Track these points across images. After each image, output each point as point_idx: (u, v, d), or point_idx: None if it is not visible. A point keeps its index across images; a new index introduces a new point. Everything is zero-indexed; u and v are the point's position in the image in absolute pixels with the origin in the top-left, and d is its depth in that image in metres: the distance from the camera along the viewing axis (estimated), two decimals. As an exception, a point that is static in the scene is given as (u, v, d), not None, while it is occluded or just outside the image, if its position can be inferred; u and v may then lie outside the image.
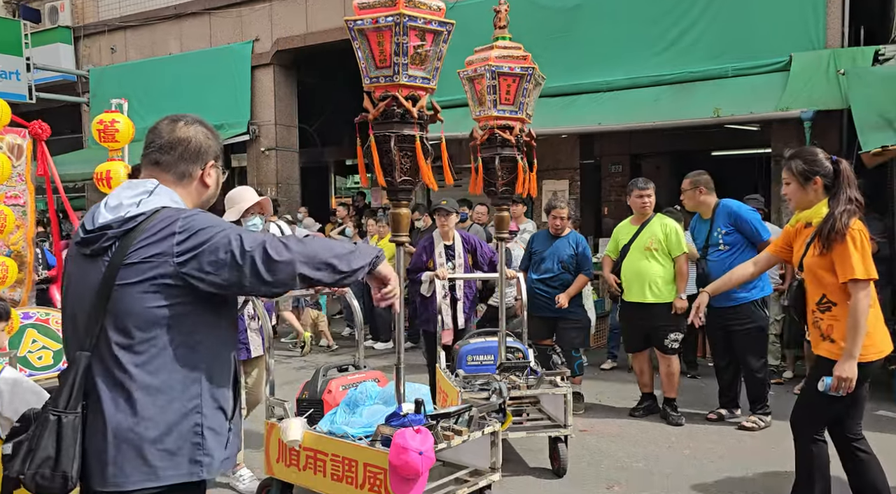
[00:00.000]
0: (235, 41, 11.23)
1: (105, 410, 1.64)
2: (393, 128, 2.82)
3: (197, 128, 1.85)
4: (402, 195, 2.93)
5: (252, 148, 11.32)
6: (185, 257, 1.64)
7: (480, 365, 4.22)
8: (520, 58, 3.75)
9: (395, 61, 2.76)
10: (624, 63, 8.26)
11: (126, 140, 5.57)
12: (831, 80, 6.69)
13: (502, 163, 3.83)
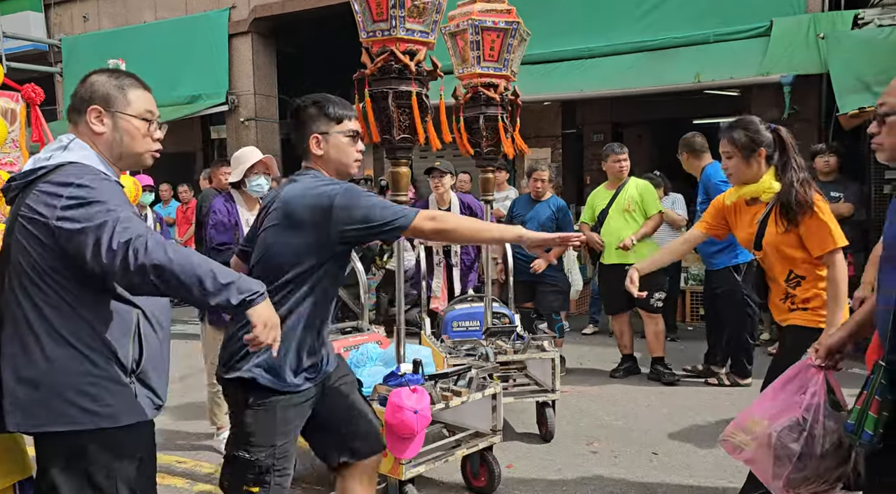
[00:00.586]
0: (212, 9, 10.99)
1: (5, 354, 1.72)
2: (391, 84, 2.75)
3: (95, 76, 1.87)
4: (400, 153, 2.87)
5: (231, 118, 11.15)
6: (62, 223, 1.65)
7: (466, 331, 4.16)
8: (504, 12, 3.60)
9: (391, 14, 2.70)
10: (605, 30, 8.22)
11: None
12: (811, 45, 6.70)
13: (487, 122, 3.69)
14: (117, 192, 1.73)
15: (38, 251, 1.69)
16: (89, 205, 1.65)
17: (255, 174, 3.79)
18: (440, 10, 2.83)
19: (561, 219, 5.29)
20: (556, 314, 5.39)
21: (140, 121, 1.86)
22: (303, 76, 13.13)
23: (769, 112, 7.42)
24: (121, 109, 1.84)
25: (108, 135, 1.84)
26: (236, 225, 3.76)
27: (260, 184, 3.80)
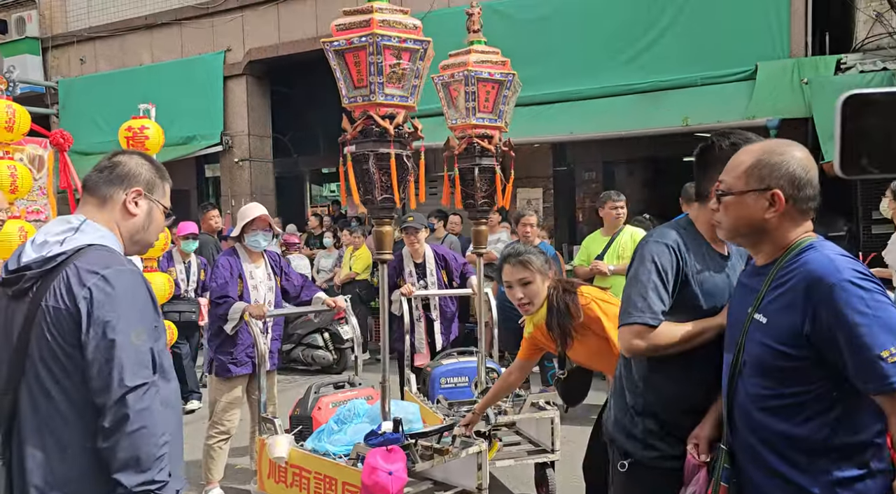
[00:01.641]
0: (207, 51, 11.15)
1: (27, 456, 1.62)
2: (370, 146, 2.81)
3: (136, 158, 1.84)
4: (383, 213, 2.92)
5: (225, 158, 11.24)
6: (88, 321, 1.59)
7: (455, 388, 4.06)
8: (498, 63, 3.60)
9: (370, 81, 2.75)
10: (593, 72, 8.35)
11: (157, 147, 5.06)
12: (795, 89, 6.83)
13: (482, 174, 3.64)
14: (142, 290, 1.69)
15: (64, 347, 1.60)
16: (110, 309, 1.60)
17: (253, 230, 3.93)
18: (419, 75, 2.87)
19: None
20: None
21: (164, 213, 1.88)
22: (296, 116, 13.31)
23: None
24: (158, 198, 1.84)
25: (139, 219, 1.80)
26: (240, 277, 3.93)
27: (257, 240, 3.95)
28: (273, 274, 4.11)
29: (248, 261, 3.99)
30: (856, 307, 1.48)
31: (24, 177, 4.31)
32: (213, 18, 11.03)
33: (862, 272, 1.52)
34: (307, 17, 10.27)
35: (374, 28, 2.67)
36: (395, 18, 2.75)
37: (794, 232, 1.65)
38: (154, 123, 5.17)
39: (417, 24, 2.78)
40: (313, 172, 15.46)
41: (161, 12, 11.49)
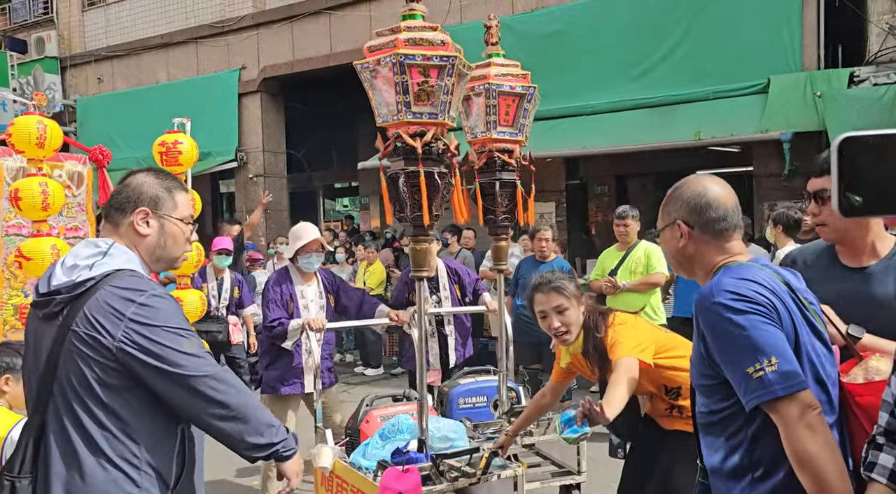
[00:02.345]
0: (222, 69, 11.31)
1: (52, 476, 1.64)
2: (401, 164, 2.80)
3: (140, 177, 1.84)
4: (417, 231, 2.88)
5: (240, 174, 11.36)
6: (128, 346, 1.63)
7: (473, 408, 3.91)
8: (519, 76, 3.54)
9: (398, 99, 2.76)
10: (606, 86, 8.39)
11: (190, 162, 5.11)
12: (808, 103, 6.82)
13: (503, 188, 3.56)
14: (177, 309, 1.74)
15: (96, 372, 1.63)
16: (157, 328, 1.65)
17: (307, 252, 4.02)
18: (450, 91, 2.82)
19: (566, 280, 5.31)
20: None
21: (184, 224, 1.85)
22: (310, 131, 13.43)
23: (771, 166, 7.52)
24: (168, 212, 1.81)
25: (153, 238, 1.80)
26: (291, 298, 4.02)
27: (311, 263, 4.05)
28: (325, 293, 4.16)
29: (300, 282, 4.09)
30: (723, 328, 1.55)
31: (55, 193, 4.26)
32: (228, 37, 11.19)
33: (738, 294, 1.55)
34: (321, 34, 10.40)
35: (399, 48, 2.67)
36: (422, 36, 2.72)
37: (717, 255, 1.71)
38: (188, 138, 5.14)
39: (445, 39, 2.73)
40: (327, 187, 15.60)
41: (177, 31, 11.68)
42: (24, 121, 4.35)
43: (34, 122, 4.34)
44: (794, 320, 1.59)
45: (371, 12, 9.96)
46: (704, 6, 7.85)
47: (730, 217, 1.72)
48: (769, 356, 1.50)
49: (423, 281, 2.96)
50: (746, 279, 1.60)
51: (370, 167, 9.58)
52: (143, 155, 11.71)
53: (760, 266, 1.67)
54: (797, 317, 1.60)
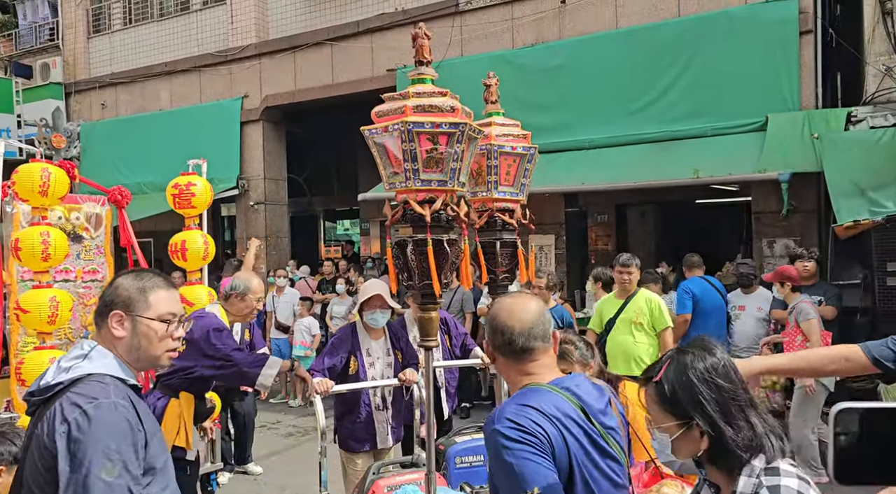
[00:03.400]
0: (225, 97, 11.39)
1: None
2: (409, 232, 2.73)
3: (121, 279, 1.89)
4: (426, 299, 2.81)
5: (241, 202, 11.41)
6: (50, 444, 1.63)
7: (471, 467, 3.85)
8: (520, 137, 3.57)
9: (406, 167, 2.72)
10: (605, 121, 8.43)
11: (204, 205, 5.11)
12: (806, 143, 6.84)
13: (503, 248, 3.54)
14: (123, 425, 1.68)
15: (44, 475, 1.64)
16: (78, 449, 1.62)
17: (370, 308, 3.97)
18: (460, 157, 2.78)
19: (563, 325, 5.31)
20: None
21: (159, 323, 1.85)
22: (311, 156, 13.51)
23: (770, 204, 7.54)
24: (140, 312, 1.83)
25: (127, 340, 1.83)
26: (355, 355, 3.99)
27: (375, 318, 4.00)
28: (393, 349, 4.12)
29: (367, 338, 4.06)
30: (497, 454, 1.70)
31: (57, 243, 4.25)
32: (231, 65, 11.28)
33: (515, 423, 1.69)
34: (322, 65, 10.49)
35: (408, 115, 2.64)
36: (431, 102, 2.69)
37: (518, 376, 1.87)
38: (202, 180, 5.11)
39: (455, 105, 2.69)
40: (327, 211, 15.65)
41: (180, 59, 11.79)
42: (28, 169, 4.36)
43: (38, 170, 4.35)
44: (569, 448, 1.70)
45: (373, 44, 10.05)
46: (703, 43, 7.90)
47: (516, 339, 1.84)
48: (531, 486, 1.63)
49: (432, 350, 2.84)
50: (529, 406, 1.73)
51: (370, 198, 9.64)
52: (145, 180, 11.79)
53: (559, 389, 1.79)
54: (579, 443, 1.73)
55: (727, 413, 1.50)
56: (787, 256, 6.89)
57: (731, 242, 10.52)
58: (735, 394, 1.52)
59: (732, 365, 1.58)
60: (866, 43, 7.12)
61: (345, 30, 10.22)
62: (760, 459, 1.46)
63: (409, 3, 9.76)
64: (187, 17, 11.86)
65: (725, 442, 1.48)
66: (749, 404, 1.53)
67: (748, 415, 1.50)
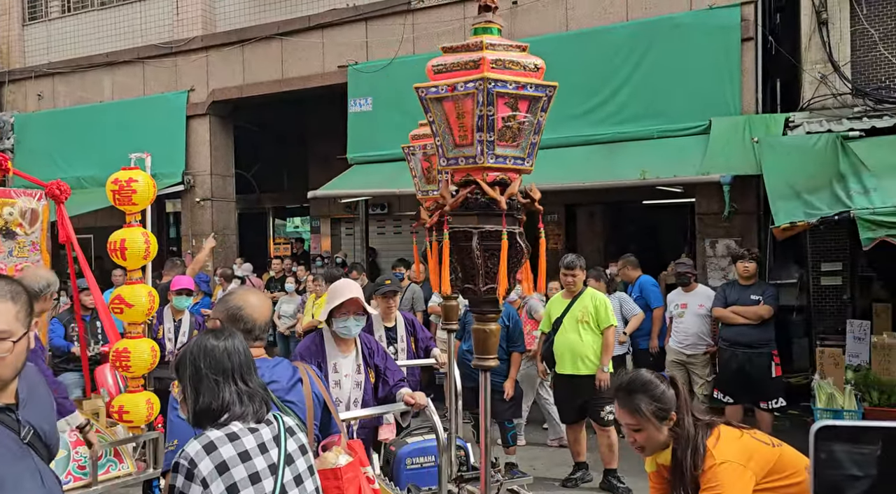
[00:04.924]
0: (170, 90, 11.08)
1: None
2: (476, 222, 2.18)
3: None
4: (487, 307, 2.24)
5: (187, 198, 11.12)
6: None
7: (421, 468, 3.83)
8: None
9: (478, 138, 2.11)
10: (556, 122, 8.47)
11: (146, 202, 4.80)
12: (747, 147, 7.06)
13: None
14: None
15: None
16: None
17: (343, 314, 3.31)
18: (539, 130, 2.21)
19: (512, 328, 5.35)
20: (509, 421, 5.41)
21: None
22: (259, 151, 13.26)
23: (713, 205, 7.76)
24: None
25: None
26: (320, 370, 3.22)
27: (348, 327, 3.34)
28: (364, 366, 3.47)
29: (336, 351, 3.39)
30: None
31: None
32: (177, 58, 10.98)
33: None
34: (272, 59, 10.30)
35: (485, 71, 2.05)
36: (510, 57, 2.10)
37: None
38: (145, 175, 4.86)
39: (539, 63, 2.14)
40: (277, 208, 15.39)
41: (123, 50, 11.41)
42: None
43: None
44: None
45: (324, 39, 9.92)
46: (650, 47, 8.07)
47: (255, 328, 2.40)
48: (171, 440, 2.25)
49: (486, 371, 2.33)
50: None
51: (321, 196, 9.52)
52: (85, 175, 11.37)
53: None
54: None
55: (196, 387, 1.95)
56: (729, 256, 7.12)
57: (677, 242, 10.79)
58: (212, 371, 1.94)
59: (232, 347, 2.00)
60: (803, 51, 7.40)
61: (295, 24, 10.06)
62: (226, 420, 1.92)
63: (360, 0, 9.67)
64: (130, 7, 11.48)
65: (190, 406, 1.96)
66: (231, 379, 1.95)
67: (220, 388, 1.93)
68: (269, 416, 2.01)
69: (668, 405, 2.33)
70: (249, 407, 1.94)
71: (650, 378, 2.39)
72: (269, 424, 1.99)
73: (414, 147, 3.43)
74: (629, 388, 2.38)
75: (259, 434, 1.94)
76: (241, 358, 1.98)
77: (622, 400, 2.39)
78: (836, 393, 5.31)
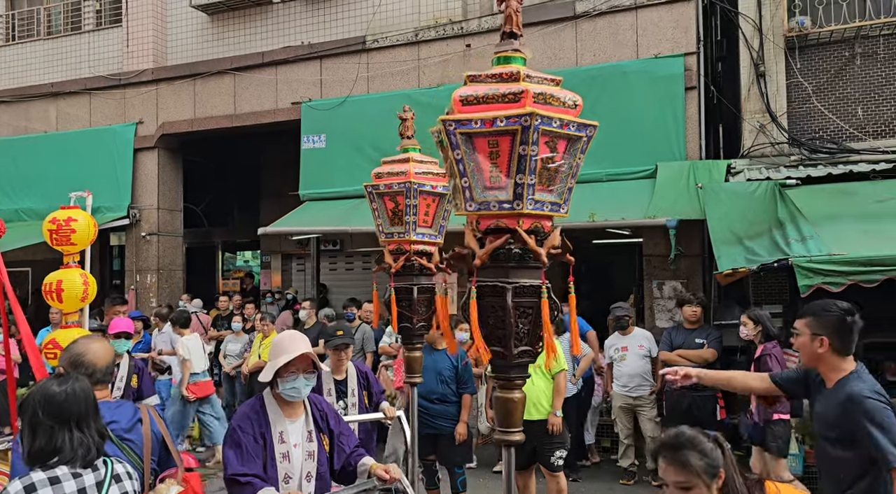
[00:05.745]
0: (118, 123, 10.85)
1: None
2: (508, 275, 1.91)
3: None
4: (516, 373, 1.99)
5: (132, 232, 10.82)
6: None
7: None
8: (439, 175, 3.23)
9: (518, 180, 1.85)
10: (507, 163, 8.63)
11: (85, 242, 4.67)
12: (692, 192, 7.27)
13: (420, 294, 3.22)
14: None
15: None
16: None
17: (291, 373, 2.82)
18: (576, 174, 2.02)
19: (461, 369, 5.30)
20: (459, 467, 5.33)
21: None
22: (209, 185, 13.05)
23: (659, 247, 7.93)
24: None
25: None
26: (265, 442, 2.81)
27: (297, 388, 2.83)
28: (317, 432, 2.94)
29: (280, 417, 2.86)
30: None
31: None
32: (126, 90, 10.79)
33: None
34: (224, 94, 10.21)
35: (528, 105, 1.80)
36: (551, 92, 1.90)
37: None
38: (85, 214, 4.69)
39: (578, 100, 1.94)
40: (227, 243, 15.11)
41: (69, 81, 11.16)
42: None
43: None
44: None
45: (278, 76, 9.90)
46: (600, 93, 8.28)
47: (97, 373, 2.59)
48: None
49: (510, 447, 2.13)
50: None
51: (271, 233, 9.38)
52: (24, 207, 11.00)
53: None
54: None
55: (33, 430, 2.11)
56: (675, 298, 7.26)
57: (628, 282, 10.97)
58: (49, 416, 2.11)
59: (72, 394, 2.16)
60: (743, 101, 7.71)
61: (249, 60, 10.02)
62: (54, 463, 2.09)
63: (315, 38, 9.71)
64: (78, 38, 11.27)
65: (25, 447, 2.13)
66: (67, 425, 2.11)
67: (55, 433, 2.10)
68: (99, 462, 2.18)
69: (717, 462, 2.15)
70: (79, 452, 2.10)
71: (696, 433, 2.20)
72: (95, 470, 2.15)
73: (380, 185, 3.25)
74: (676, 443, 2.18)
75: (82, 479, 2.10)
76: (80, 404, 2.15)
77: (669, 457, 2.18)
78: (778, 436, 5.40)
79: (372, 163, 11.25)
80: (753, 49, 7.66)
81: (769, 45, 7.59)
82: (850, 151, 7.21)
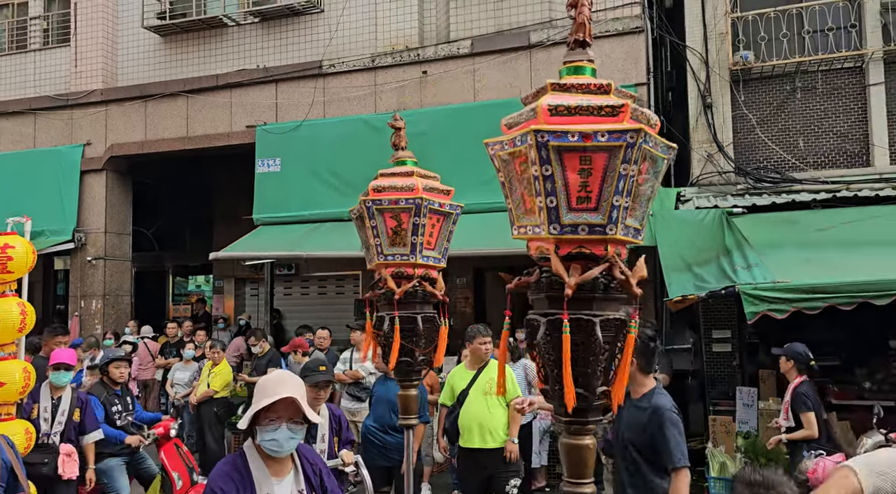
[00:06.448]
0: (64, 144, 10.55)
1: None
2: (592, 305, 1.72)
3: None
4: (594, 416, 1.81)
5: (77, 256, 10.47)
6: None
7: None
8: (443, 192, 2.90)
9: (614, 202, 1.66)
10: (462, 189, 8.58)
11: (23, 270, 4.50)
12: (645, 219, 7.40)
13: (425, 324, 2.85)
14: None
15: None
16: None
17: (273, 421, 2.32)
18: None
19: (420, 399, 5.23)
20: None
21: None
22: (160, 208, 12.76)
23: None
24: None
25: None
26: None
27: (276, 441, 2.32)
28: (309, 492, 2.48)
29: (266, 474, 2.38)
30: None
31: None
32: (73, 111, 10.52)
33: None
34: (177, 116, 10.04)
35: (626, 120, 1.62)
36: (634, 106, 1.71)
37: None
38: (24, 241, 4.52)
39: (655, 120, 1.74)
40: (178, 267, 14.76)
41: (12, 100, 10.83)
42: None
43: None
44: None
45: (232, 99, 9.79)
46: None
47: None
48: None
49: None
50: None
51: (224, 257, 9.20)
52: (-39, 230, 10.54)
53: None
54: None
55: None
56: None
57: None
58: None
59: None
60: (692, 131, 7.93)
61: (202, 82, 9.89)
62: None
63: (271, 62, 9.65)
64: (24, 57, 10.98)
65: None
66: None
67: None
68: None
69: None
70: None
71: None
72: None
73: (382, 200, 2.78)
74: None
75: None
76: None
77: None
78: (728, 460, 5.49)
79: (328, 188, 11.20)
80: (701, 81, 7.90)
81: (715, 78, 7.84)
82: (793, 181, 7.46)
